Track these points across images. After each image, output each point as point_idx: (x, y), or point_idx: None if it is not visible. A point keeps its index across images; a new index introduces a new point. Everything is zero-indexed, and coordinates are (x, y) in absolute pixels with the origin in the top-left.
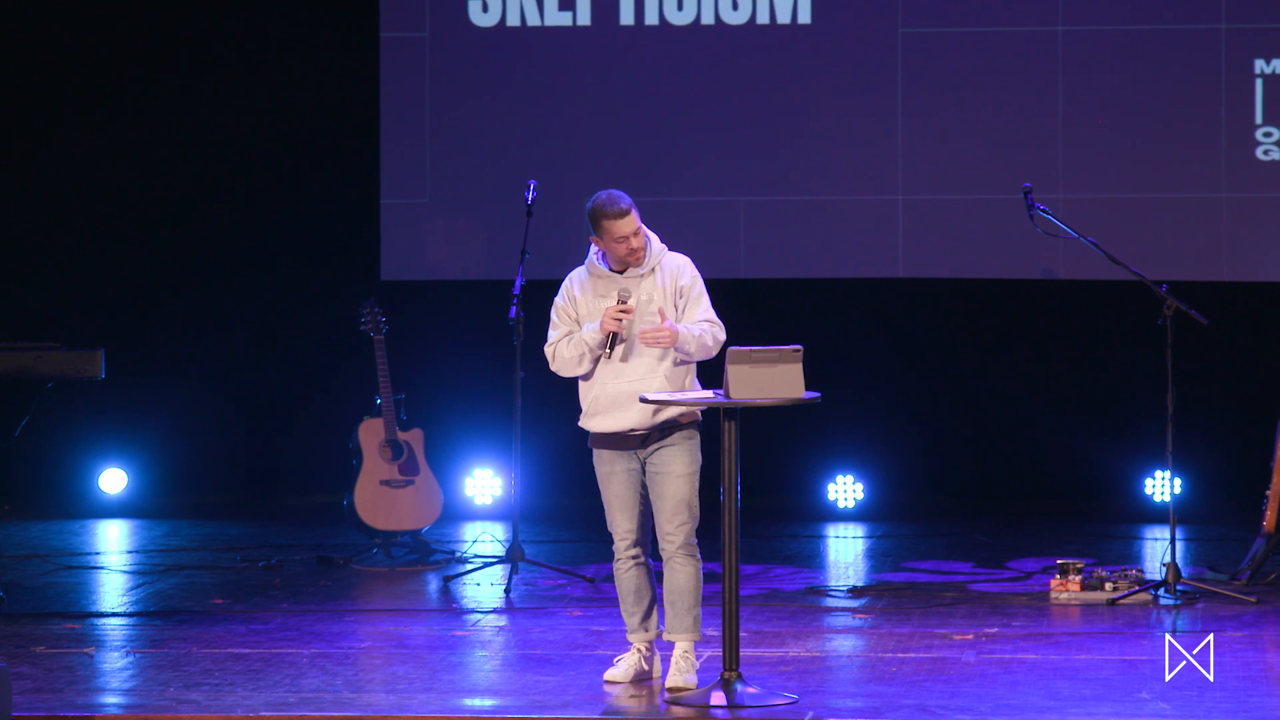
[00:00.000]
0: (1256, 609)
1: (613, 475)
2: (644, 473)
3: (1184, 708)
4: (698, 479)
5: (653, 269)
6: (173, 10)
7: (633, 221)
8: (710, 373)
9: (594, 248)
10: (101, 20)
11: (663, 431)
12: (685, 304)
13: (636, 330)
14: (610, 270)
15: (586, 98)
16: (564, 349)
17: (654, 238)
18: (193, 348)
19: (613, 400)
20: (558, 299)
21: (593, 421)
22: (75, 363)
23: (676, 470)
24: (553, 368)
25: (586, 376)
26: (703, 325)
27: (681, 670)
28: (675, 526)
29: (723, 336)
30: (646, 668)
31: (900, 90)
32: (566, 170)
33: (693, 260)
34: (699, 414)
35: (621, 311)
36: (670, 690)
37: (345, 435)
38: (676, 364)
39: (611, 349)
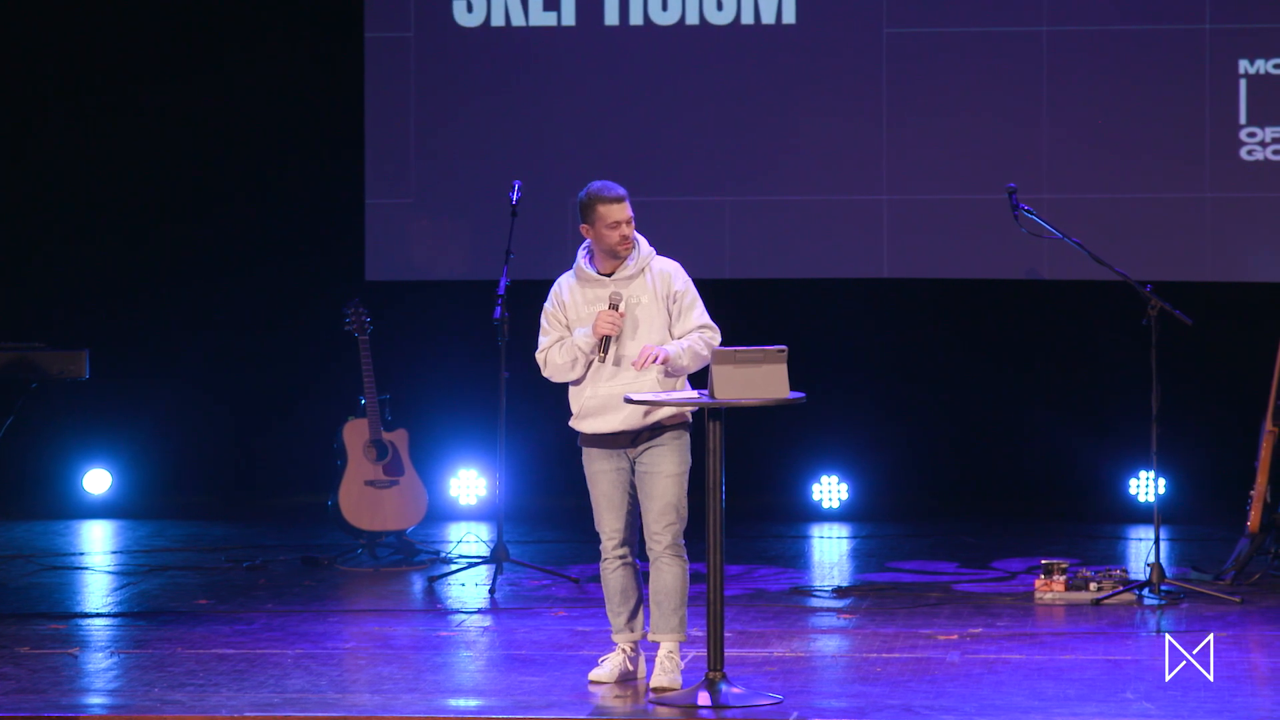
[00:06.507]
0: (1241, 609)
1: (601, 474)
2: (633, 472)
3: (1169, 708)
4: (686, 480)
5: (642, 270)
6: (158, 11)
7: (626, 209)
8: (697, 373)
9: (581, 252)
10: (87, 21)
11: (652, 432)
12: (679, 310)
13: (628, 341)
14: (598, 274)
15: (571, 98)
16: (555, 355)
17: (643, 240)
18: (177, 348)
19: (604, 402)
20: (547, 304)
21: (583, 423)
22: (60, 363)
23: (665, 470)
24: (545, 374)
25: (578, 380)
26: (692, 336)
27: (666, 670)
28: (663, 527)
29: (717, 340)
30: (631, 668)
31: (885, 90)
32: (551, 171)
33: (678, 260)
34: (688, 415)
35: (612, 316)
36: (655, 690)
37: (330, 436)
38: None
39: (604, 352)
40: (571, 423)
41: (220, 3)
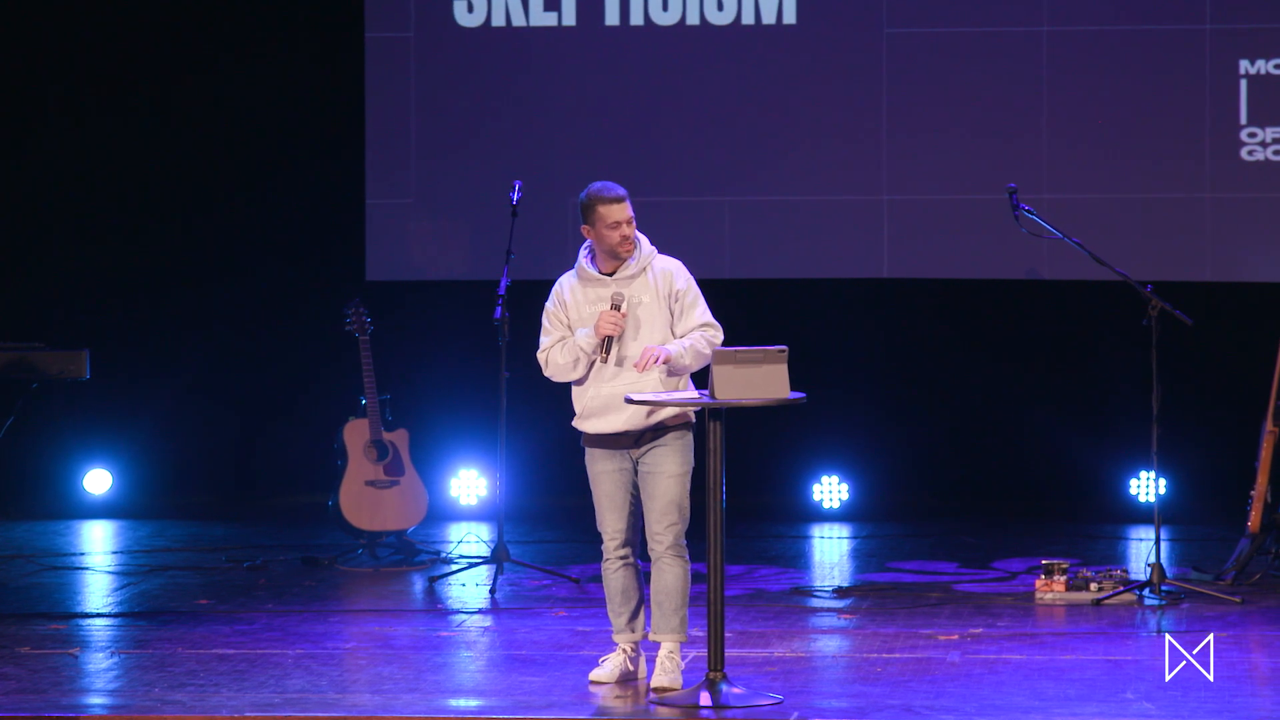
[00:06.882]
0: (1241, 609)
1: (604, 474)
2: (636, 472)
3: (1169, 708)
4: (689, 480)
5: (643, 269)
6: (158, 11)
7: (626, 209)
8: (700, 373)
9: (583, 251)
10: (86, 21)
11: (655, 432)
12: (681, 309)
13: (630, 341)
14: (600, 273)
15: (571, 98)
16: (557, 355)
17: (644, 239)
18: (178, 348)
19: (607, 403)
20: (548, 304)
21: (587, 423)
22: (60, 363)
23: (668, 470)
24: (546, 373)
25: (580, 380)
26: (694, 335)
27: (667, 670)
28: (665, 527)
29: (719, 339)
30: (632, 668)
31: (885, 91)
32: (551, 171)
33: (679, 260)
34: (691, 415)
35: (614, 316)
36: (656, 690)
37: (330, 436)
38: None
39: (607, 352)
40: (574, 423)
41: (220, 3)
